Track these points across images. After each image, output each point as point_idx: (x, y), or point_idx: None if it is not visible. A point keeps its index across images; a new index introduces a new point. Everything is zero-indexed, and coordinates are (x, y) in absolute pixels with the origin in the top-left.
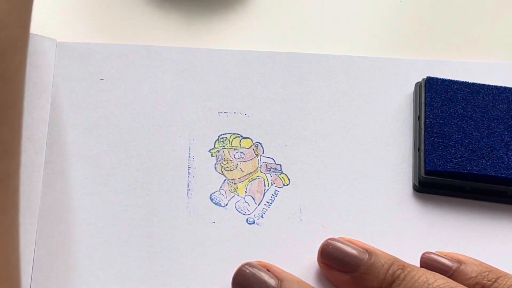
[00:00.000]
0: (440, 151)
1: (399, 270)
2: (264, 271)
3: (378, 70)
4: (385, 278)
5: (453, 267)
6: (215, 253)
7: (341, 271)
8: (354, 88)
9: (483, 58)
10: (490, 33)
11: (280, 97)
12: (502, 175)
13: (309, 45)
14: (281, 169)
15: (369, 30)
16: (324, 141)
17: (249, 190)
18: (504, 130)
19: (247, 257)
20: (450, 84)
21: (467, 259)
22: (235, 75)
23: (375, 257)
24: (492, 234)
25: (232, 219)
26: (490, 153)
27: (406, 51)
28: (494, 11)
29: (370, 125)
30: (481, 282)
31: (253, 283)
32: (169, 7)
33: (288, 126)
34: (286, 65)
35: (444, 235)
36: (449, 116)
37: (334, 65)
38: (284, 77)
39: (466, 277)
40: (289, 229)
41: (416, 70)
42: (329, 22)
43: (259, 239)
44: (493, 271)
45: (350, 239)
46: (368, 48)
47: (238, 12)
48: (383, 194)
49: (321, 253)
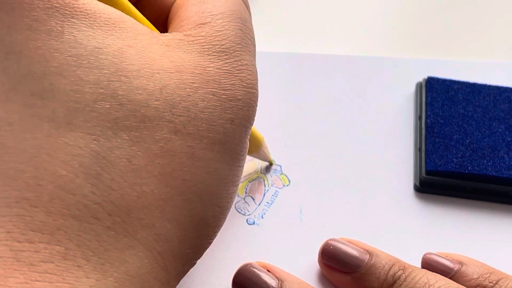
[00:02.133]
0: (441, 151)
1: (400, 271)
2: (265, 271)
3: (378, 70)
4: (386, 279)
5: (454, 268)
6: (215, 253)
7: (342, 272)
8: (354, 88)
9: (484, 58)
10: (490, 33)
11: (280, 97)
12: (503, 175)
13: (309, 45)
14: (281, 169)
15: (369, 30)
16: (324, 141)
17: (249, 191)
18: (505, 130)
19: (247, 257)
20: (451, 84)
21: (469, 261)
22: None
23: (375, 258)
24: (493, 235)
25: (232, 219)
26: (491, 153)
27: (407, 51)
28: (494, 11)
29: (370, 125)
30: (483, 283)
31: (253, 284)
32: None
33: (288, 126)
34: (286, 65)
35: (445, 235)
36: (450, 116)
37: (334, 65)
38: (284, 77)
39: (467, 279)
40: (289, 229)
41: (417, 70)
42: (329, 22)
43: (259, 239)
44: (495, 273)
45: (350, 240)
46: (368, 48)
47: None
48: (383, 194)
49: (322, 254)
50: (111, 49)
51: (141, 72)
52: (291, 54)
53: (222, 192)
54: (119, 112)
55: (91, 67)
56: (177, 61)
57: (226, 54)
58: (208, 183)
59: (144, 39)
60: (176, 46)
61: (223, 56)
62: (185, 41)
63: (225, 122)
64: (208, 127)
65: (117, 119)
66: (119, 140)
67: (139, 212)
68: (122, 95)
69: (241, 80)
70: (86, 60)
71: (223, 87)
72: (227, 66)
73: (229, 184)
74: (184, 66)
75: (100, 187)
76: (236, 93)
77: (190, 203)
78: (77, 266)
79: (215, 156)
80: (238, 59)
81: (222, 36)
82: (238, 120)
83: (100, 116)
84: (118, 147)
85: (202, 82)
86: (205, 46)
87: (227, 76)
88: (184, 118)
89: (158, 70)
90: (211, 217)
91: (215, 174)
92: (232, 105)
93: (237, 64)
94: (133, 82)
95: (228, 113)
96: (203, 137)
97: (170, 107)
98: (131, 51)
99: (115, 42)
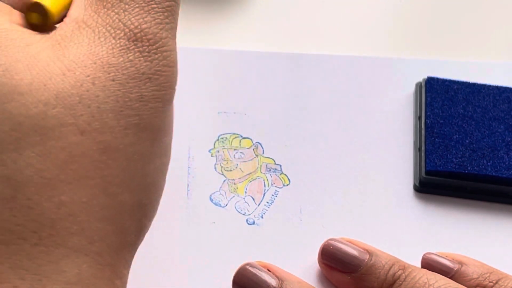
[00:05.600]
0: (440, 151)
1: (400, 271)
2: (265, 271)
3: (378, 70)
4: (386, 279)
5: (454, 268)
6: (215, 253)
7: (342, 272)
8: (354, 88)
9: (484, 58)
10: (490, 33)
11: (280, 97)
12: (503, 175)
13: (309, 45)
14: (281, 169)
15: (369, 30)
16: (324, 141)
17: (249, 191)
18: (505, 130)
19: (247, 257)
20: (451, 84)
21: (468, 260)
22: (235, 75)
23: (375, 258)
24: (493, 235)
25: (232, 219)
26: (491, 153)
27: (406, 51)
28: (494, 11)
29: (370, 125)
30: (482, 283)
31: (253, 283)
32: None
33: (288, 126)
34: (286, 65)
35: (445, 236)
36: (450, 116)
37: (334, 65)
38: (284, 77)
39: (467, 279)
40: (289, 229)
41: (417, 70)
42: (329, 22)
43: (259, 239)
44: (495, 273)
45: (350, 240)
46: (368, 48)
47: (238, 12)
48: (383, 194)
49: (322, 254)
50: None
51: (33, 85)
52: (291, 54)
53: (149, 169)
54: (19, 132)
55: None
56: (68, 58)
57: (120, 30)
58: (130, 169)
59: (32, 49)
60: (68, 39)
61: (118, 34)
62: (77, 31)
63: (134, 102)
64: (115, 115)
65: (19, 139)
66: (26, 159)
67: (64, 222)
68: (19, 113)
69: (140, 52)
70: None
71: (121, 67)
72: (121, 42)
73: (155, 159)
74: (75, 62)
75: (18, 208)
76: (138, 68)
77: (116, 195)
78: (13, 287)
79: (132, 139)
80: (135, 32)
81: (113, 17)
82: (148, 94)
83: (1, 141)
84: (27, 166)
85: (98, 71)
86: (95, 30)
87: (122, 54)
88: (86, 116)
89: (50, 76)
90: (144, 198)
91: (136, 157)
92: (136, 83)
93: (133, 39)
94: (27, 97)
95: (134, 92)
96: (113, 127)
97: (69, 110)
98: (19, 66)
99: (2, 62)
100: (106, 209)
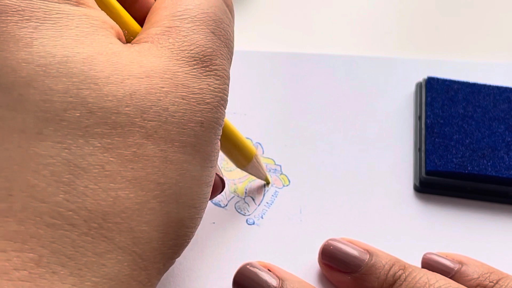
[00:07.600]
0: (441, 151)
1: (400, 271)
2: (265, 271)
3: (378, 70)
4: (386, 279)
5: (455, 268)
6: (215, 253)
7: (342, 272)
8: (354, 88)
9: (484, 58)
10: (490, 33)
11: (280, 97)
12: (503, 175)
13: (309, 45)
14: (281, 169)
15: (369, 30)
16: (324, 141)
17: (249, 191)
18: (505, 130)
19: (247, 257)
20: (451, 84)
21: (469, 260)
22: (235, 75)
23: (376, 258)
24: (493, 235)
25: (232, 219)
26: (491, 153)
27: (407, 51)
28: (494, 11)
29: (370, 125)
30: (483, 283)
31: (254, 283)
32: None
33: (288, 126)
34: (286, 65)
35: (445, 236)
36: (450, 116)
37: (334, 65)
38: (284, 77)
39: (468, 279)
40: (289, 229)
41: (417, 70)
42: (329, 22)
43: (259, 239)
44: (495, 273)
45: (350, 240)
46: (368, 48)
47: (238, 12)
48: (383, 194)
49: (322, 254)
50: (80, 57)
51: (111, 79)
52: (291, 54)
53: (196, 193)
54: (90, 120)
55: (59, 76)
56: (146, 66)
57: (194, 59)
58: (182, 185)
59: (114, 47)
60: (147, 51)
61: (191, 62)
62: (154, 47)
63: (195, 125)
64: (179, 131)
65: (88, 126)
66: (91, 148)
67: (115, 217)
68: (92, 102)
69: (208, 84)
70: (55, 69)
71: (191, 91)
72: (195, 71)
73: (202, 185)
74: (153, 71)
75: (74, 194)
76: (204, 97)
77: (166, 205)
78: (51, 272)
79: (187, 158)
80: (207, 64)
81: (190, 40)
82: (207, 123)
83: (70, 124)
84: (90, 154)
85: (172, 87)
86: (174, 51)
87: (195, 80)
88: (155, 123)
89: (128, 76)
90: (187, 218)
91: (188, 175)
92: (201, 108)
93: (204, 70)
94: (103, 89)
95: (197, 116)
96: (174, 141)
97: (140, 113)
98: (100, 58)
99: (85, 50)
100: (154, 215)
